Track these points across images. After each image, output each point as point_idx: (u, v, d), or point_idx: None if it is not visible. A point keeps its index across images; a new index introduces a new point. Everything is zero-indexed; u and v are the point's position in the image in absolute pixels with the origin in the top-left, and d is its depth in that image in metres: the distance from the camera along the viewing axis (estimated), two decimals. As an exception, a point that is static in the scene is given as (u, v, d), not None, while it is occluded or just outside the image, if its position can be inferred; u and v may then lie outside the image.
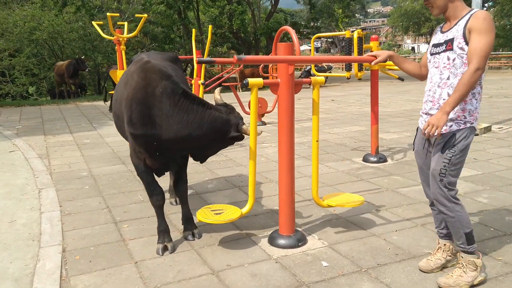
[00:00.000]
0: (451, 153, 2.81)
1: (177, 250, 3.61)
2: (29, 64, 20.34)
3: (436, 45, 2.90)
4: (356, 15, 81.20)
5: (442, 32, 2.89)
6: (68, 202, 4.79)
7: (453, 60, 2.76)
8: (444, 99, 2.81)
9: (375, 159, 6.10)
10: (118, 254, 3.57)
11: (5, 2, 21.80)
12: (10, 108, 13.36)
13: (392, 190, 4.98)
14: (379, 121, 5.69)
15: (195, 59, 6.76)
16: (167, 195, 4.76)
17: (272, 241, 3.70)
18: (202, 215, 3.59)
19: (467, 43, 2.70)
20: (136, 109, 3.31)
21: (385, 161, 6.14)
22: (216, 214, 3.62)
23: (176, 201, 4.70)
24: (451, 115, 2.78)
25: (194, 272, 3.26)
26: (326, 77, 15.15)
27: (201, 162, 3.87)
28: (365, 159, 6.19)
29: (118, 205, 4.68)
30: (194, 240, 3.82)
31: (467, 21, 2.70)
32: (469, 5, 2.86)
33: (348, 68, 6.12)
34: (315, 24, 26.95)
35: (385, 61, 3.16)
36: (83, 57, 16.75)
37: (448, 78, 2.80)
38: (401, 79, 6.62)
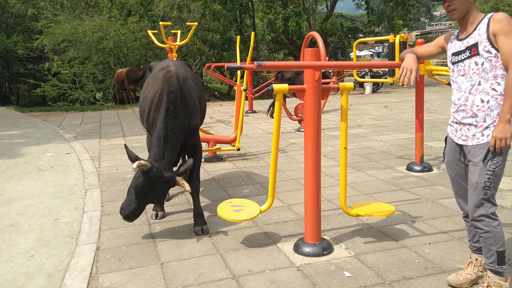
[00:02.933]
0: (495, 164, 2.67)
1: (202, 253, 3.68)
2: (95, 71, 21.52)
3: (456, 53, 2.80)
4: (421, 18, 78.55)
5: (459, 39, 2.81)
6: (110, 203, 5.01)
7: (482, 64, 2.66)
8: (477, 106, 2.70)
9: (419, 168, 5.87)
10: (147, 254, 3.69)
11: (76, 13, 23.19)
12: (74, 112, 14.20)
13: (433, 201, 4.77)
14: (432, 129, 5.47)
15: (238, 63, 6.86)
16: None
17: (297, 248, 3.67)
18: (222, 210, 3.70)
19: (493, 46, 2.63)
20: (150, 112, 4.09)
21: (430, 170, 5.89)
22: (236, 211, 3.67)
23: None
24: (489, 121, 2.66)
25: (215, 275, 3.31)
26: (380, 83, 14.70)
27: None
28: (409, 168, 5.97)
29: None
30: (203, 234, 4.08)
31: (488, 24, 2.64)
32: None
33: (391, 73, 5.95)
34: (374, 29, 26.40)
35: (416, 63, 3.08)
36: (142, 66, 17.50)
37: (479, 84, 2.69)
38: (450, 84, 6.32)
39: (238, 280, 3.23)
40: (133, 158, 3.78)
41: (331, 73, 11.91)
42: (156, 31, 11.96)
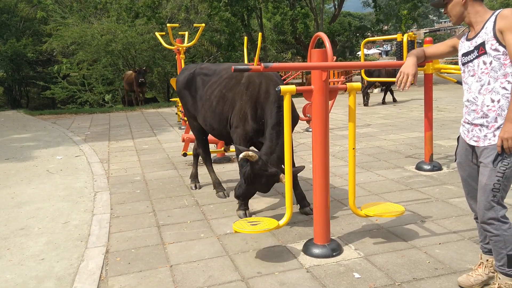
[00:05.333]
0: (505, 166, 2.62)
1: (211, 256, 3.68)
2: (105, 72, 21.66)
3: (466, 54, 2.76)
4: (430, 16, 78.02)
5: (468, 39, 2.76)
6: (119, 205, 5.03)
7: (490, 63, 2.61)
8: (487, 106, 2.65)
9: (429, 167, 5.82)
10: (156, 257, 3.70)
11: (84, 16, 23.31)
12: (83, 115, 14.30)
13: (443, 200, 4.73)
14: (441, 127, 5.45)
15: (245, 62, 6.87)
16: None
17: (306, 250, 3.66)
18: (238, 226, 3.57)
19: (500, 44, 2.56)
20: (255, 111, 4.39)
21: (440, 169, 5.84)
22: (253, 225, 3.61)
23: (195, 186, 5.55)
24: (500, 121, 2.61)
25: (224, 278, 3.30)
26: (388, 82, 14.45)
27: None
28: (418, 167, 5.93)
29: (163, 209, 4.85)
30: (311, 214, 4.24)
31: (494, 22, 2.58)
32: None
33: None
34: (382, 27, 26.22)
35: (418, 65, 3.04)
36: (144, 68, 17.50)
37: (488, 83, 2.64)
38: (459, 82, 6.26)
39: (247, 282, 3.23)
40: (242, 150, 4.03)
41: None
42: (164, 33, 12.00)
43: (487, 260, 3.00)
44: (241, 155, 3.91)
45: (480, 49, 2.63)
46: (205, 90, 4.90)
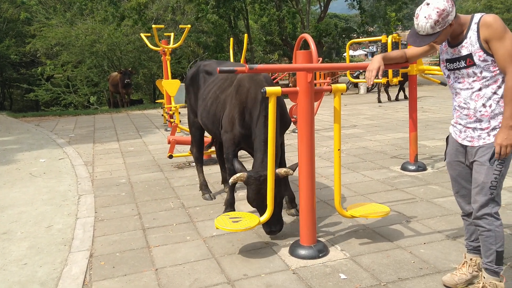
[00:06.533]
0: (501, 164, 2.65)
1: (197, 258, 3.65)
2: (90, 74, 21.43)
3: (451, 61, 2.74)
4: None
5: (451, 45, 2.74)
6: (103, 209, 4.97)
7: (481, 73, 2.62)
8: (480, 111, 2.66)
9: (414, 168, 5.87)
10: (141, 260, 3.66)
11: (71, 21, 22.92)
12: (67, 117, 14.13)
13: (427, 200, 4.77)
14: (425, 128, 5.51)
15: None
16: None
17: (292, 251, 3.65)
18: (220, 223, 3.61)
19: (488, 54, 2.57)
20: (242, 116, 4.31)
21: (424, 169, 5.89)
22: (234, 222, 3.62)
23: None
24: (494, 123, 2.64)
25: (210, 281, 3.28)
26: (374, 83, 14.67)
27: None
28: (403, 168, 5.97)
29: (149, 212, 4.80)
30: (297, 215, 4.25)
31: (477, 32, 2.57)
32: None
33: (384, 73, 5.95)
34: (368, 29, 26.40)
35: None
36: (130, 69, 17.38)
37: (479, 89, 2.65)
38: (443, 84, 6.34)
39: (233, 284, 3.21)
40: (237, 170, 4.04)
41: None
42: (149, 34, 11.93)
43: (471, 259, 3.03)
44: (230, 181, 3.87)
45: (468, 60, 2.62)
46: (203, 89, 4.89)
